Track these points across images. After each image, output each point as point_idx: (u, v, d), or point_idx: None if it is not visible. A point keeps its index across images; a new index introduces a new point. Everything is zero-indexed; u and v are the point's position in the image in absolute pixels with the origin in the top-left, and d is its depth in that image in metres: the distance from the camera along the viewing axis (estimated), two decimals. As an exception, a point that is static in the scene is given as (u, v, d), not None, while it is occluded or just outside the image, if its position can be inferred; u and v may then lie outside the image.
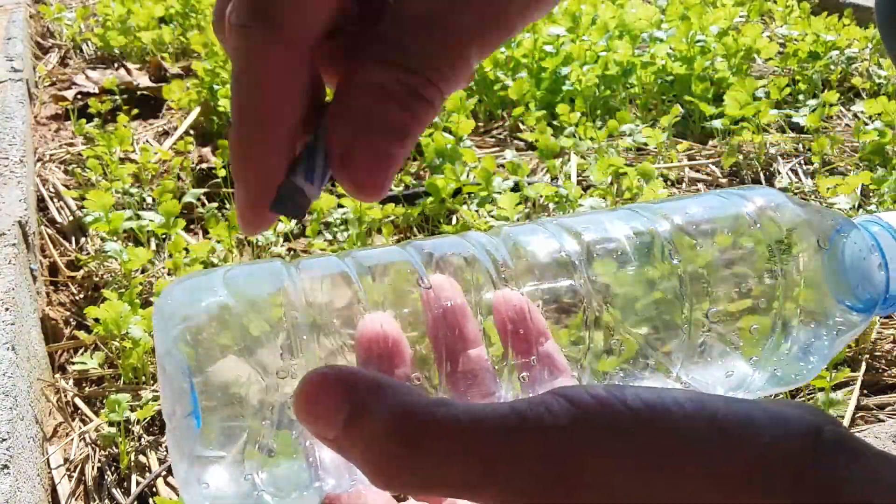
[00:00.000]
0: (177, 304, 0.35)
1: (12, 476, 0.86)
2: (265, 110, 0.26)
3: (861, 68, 2.12)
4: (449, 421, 0.25)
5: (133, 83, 2.19)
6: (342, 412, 0.26)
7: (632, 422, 0.23)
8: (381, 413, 0.26)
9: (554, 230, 0.41)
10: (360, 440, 0.26)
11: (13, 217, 1.32)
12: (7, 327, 1.05)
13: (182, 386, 0.33)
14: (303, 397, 0.27)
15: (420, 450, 0.25)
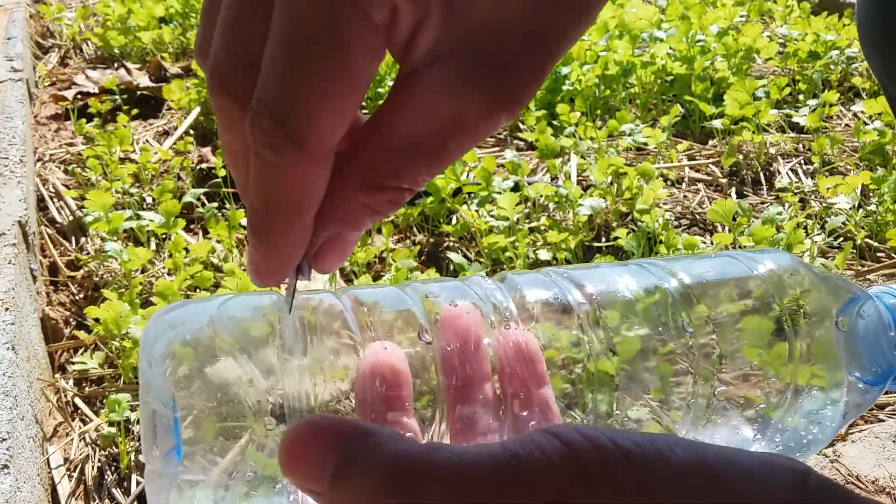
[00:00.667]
0: (164, 334, 0.34)
1: (12, 476, 0.86)
2: (292, 209, 0.28)
3: (861, 68, 2.12)
4: (442, 464, 0.24)
5: (133, 83, 2.19)
6: (329, 466, 0.25)
7: (623, 463, 0.23)
8: (371, 464, 0.25)
9: (561, 283, 0.40)
10: (350, 494, 0.25)
11: (13, 217, 1.32)
12: (7, 327, 1.05)
13: (165, 419, 0.32)
14: (288, 451, 0.26)
15: (414, 498, 0.24)
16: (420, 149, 0.29)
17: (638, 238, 1.37)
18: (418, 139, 0.29)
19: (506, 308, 0.38)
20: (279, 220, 0.28)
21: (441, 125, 0.28)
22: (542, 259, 1.40)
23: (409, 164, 0.29)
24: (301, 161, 0.27)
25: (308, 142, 0.26)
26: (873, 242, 1.43)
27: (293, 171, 0.27)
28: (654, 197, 1.44)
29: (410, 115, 0.28)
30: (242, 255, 1.45)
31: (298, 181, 0.27)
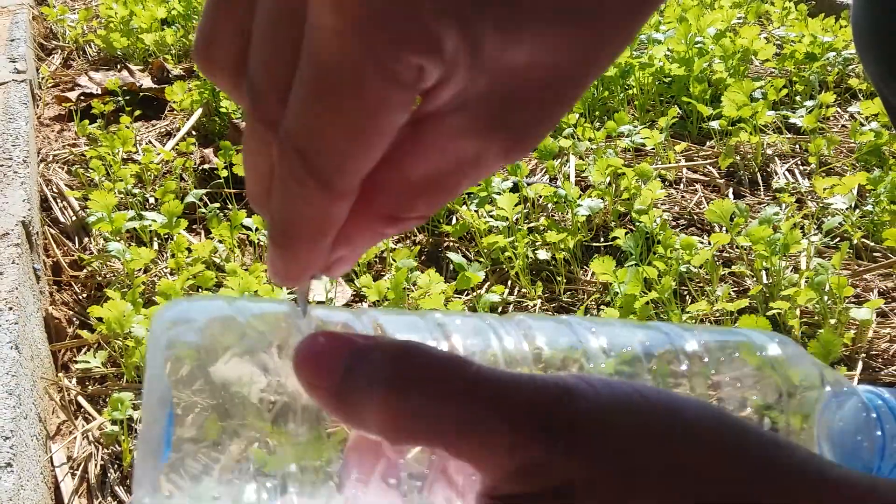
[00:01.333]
0: (174, 326, 0.34)
1: (15, 474, 0.87)
2: (313, 236, 0.29)
3: (858, 70, 2.12)
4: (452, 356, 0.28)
5: (136, 84, 2.20)
6: (342, 360, 0.28)
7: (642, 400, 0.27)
8: (382, 352, 0.28)
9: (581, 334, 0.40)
10: (361, 382, 0.27)
11: (17, 217, 1.34)
12: (11, 326, 1.06)
13: (161, 412, 0.32)
14: (304, 352, 0.28)
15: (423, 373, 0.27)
16: (438, 185, 0.30)
17: (636, 238, 1.38)
18: (437, 177, 0.30)
19: (522, 359, 0.38)
20: (301, 239, 0.29)
21: (458, 165, 0.29)
22: (541, 258, 1.41)
23: (426, 198, 0.30)
24: (324, 198, 0.27)
25: (334, 182, 0.27)
26: (870, 242, 1.44)
27: (317, 205, 0.28)
28: (652, 197, 1.45)
29: (431, 154, 0.29)
30: (245, 254, 1.46)
31: (321, 213, 0.28)
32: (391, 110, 0.25)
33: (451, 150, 0.29)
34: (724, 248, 1.44)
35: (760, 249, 1.29)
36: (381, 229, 0.31)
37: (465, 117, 0.28)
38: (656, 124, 1.84)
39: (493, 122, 0.28)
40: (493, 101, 0.28)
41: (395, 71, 0.24)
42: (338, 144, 0.26)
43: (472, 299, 1.32)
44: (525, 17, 0.25)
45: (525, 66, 0.27)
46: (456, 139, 0.28)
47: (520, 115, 0.28)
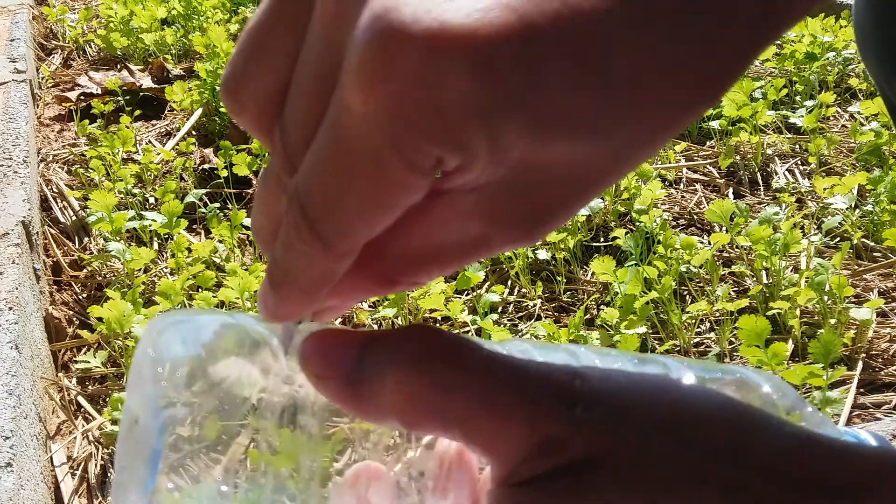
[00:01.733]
0: (164, 339, 0.33)
1: (15, 474, 0.87)
2: (309, 287, 0.29)
3: (858, 69, 2.13)
4: (469, 341, 0.27)
5: (136, 84, 2.20)
6: (355, 348, 0.28)
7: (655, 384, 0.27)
8: (398, 329, 0.27)
9: None
10: (378, 356, 0.27)
11: (17, 217, 1.34)
12: (11, 326, 1.06)
13: (147, 450, 0.31)
14: (313, 344, 0.28)
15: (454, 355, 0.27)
16: (439, 258, 0.30)
17: (636, 238, 1.38)
18: (438, 251, 0.30)
19: None
20: (295, 290, 0.29)
21: (466, 245, 0.29)
22: (541, 258, 1.41)
23: (425, 268, 0.30)
24: (325, 258, 0.27)
25: (337, 246, 0.27)
26: (870, 242, 1.44)
27: (316, 262, 0.28)
28: (652, 197, 1.45)
29: (437, 229, 0.29)
30: (245, 254, 1.46)
31: (319, 270, 0.28)
32: (404, 192, 0.26)
33: (459, 229, 0.29)
34: (724, 248, 1.44)
35: (760, 249, 1.29)
36: (376, 289, 0.31)
37: (478, 201, 0.28)
38: (656, 124, 1.84)
39: (505, 211, 0.28)
40: (508, 191, 0.28)
41: (415, 161, 0.24)
42: (345, 215, 0.26)
43: (472, 299, 1.32)
44: (552, 125, 0.25)
45: (545, 166, 0.27)
46: (464, 219, 0.28)
47: (533, 209, 0.28)
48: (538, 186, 0.28)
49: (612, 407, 0.26)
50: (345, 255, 0.27)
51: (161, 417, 0.31)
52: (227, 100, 0.29)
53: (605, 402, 0.26)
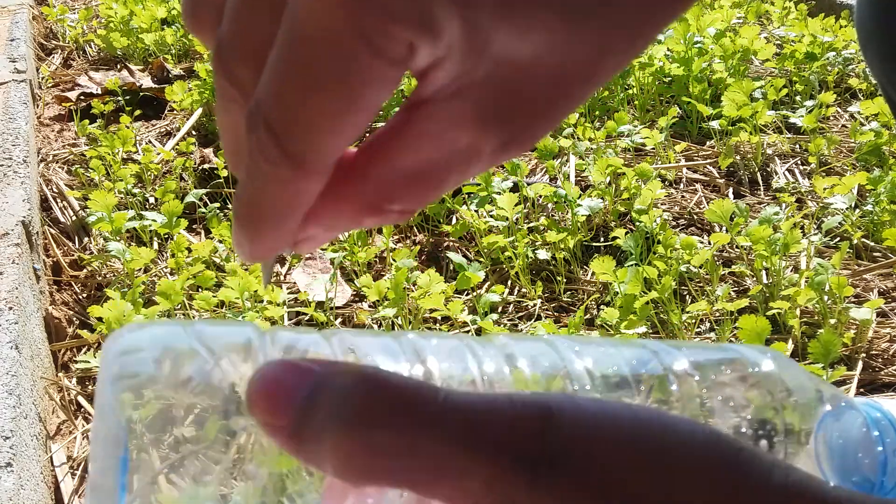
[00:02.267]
0: (125, 355, 0.31)
1: (15, 474, 0.87)
2: (279, 214, 0.27)
3: (858, 69, 2.13)
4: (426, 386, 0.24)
5: (136, 84, 2.20)
6: (301, 392, 0.24)
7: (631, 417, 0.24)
8: (349, 373, 0.24)
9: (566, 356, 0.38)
10: (322, 409, 0.23)
11: (17, 217, 1.34)
12: (11, 326, 1.07)
13: (114, 453, 0.29)
14: (257, 386, 0.25)
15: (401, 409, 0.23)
16: (426, 177, 0.28)
17: (636, 238, 1.38)
18: (426, 167, 0.27)
19: (502, 382, 0.36)
20: (265, 222, 0.27)
21: (451, 156, 0.27)
22: (541, 258, 1.41)
23: (412, 190, 0.28)
24: (296, 178, 0.26)
25: (305, 162, 0.25)
26: (870, 242, 1.45)
27: (287, 185, 0.26)
28: (652, 197, 1.45)
29: (422, 144, 0.27)
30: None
31: (290, 193, 0.26)
32: (375, 87, 0.24)
33: (445, 140, 0.27)
34: (724, 248, 1.44)
35: (760, 249, 1.29)
36: (360, 218, 0.29)
37: (463, 106, 0.26)
38: (656, 124, 1.85)
39: (491, 114, 0.27)
40: (494, 91, 0.26)
41: (382, 46, 0.23)
42: (313, 121, 0.24)
43: (472, 299, 1.32)
44: (528, 6, 0.24)
45: (529, 61, 0.25)
46: (451, 129, 0.27)
47: (520, 110, 0.27)
48: (523, 85, 0.26)
49: (581, 468, 0.22)
50: (316, 174, 0.26)
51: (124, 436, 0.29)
52: (186, 19, 0.28)
53: (575, 461, 0.22)
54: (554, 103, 0.27)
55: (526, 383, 0.36)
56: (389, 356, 0.34)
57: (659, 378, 0.38)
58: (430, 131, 0.27)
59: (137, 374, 0.30)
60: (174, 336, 0.32)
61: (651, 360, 0.39)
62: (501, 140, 0.27)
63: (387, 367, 0.34)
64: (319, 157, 0.25)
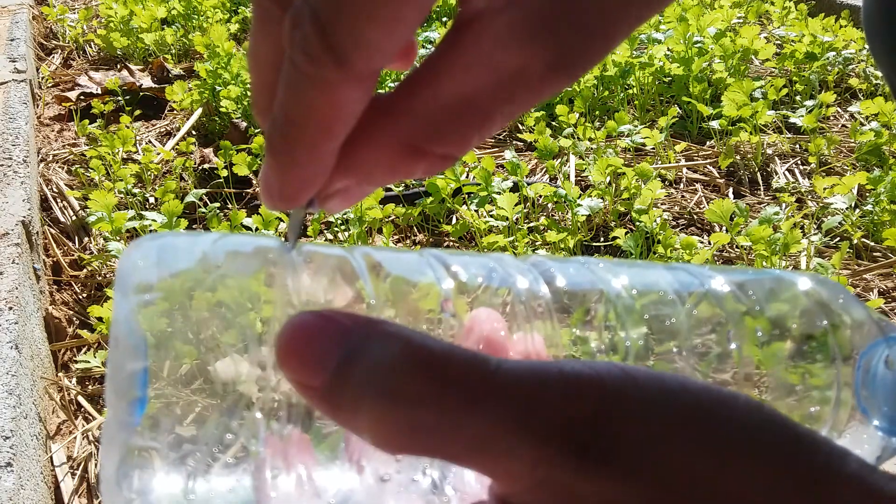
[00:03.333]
0: (145, 266, 0.29)
1: (15, 474, 0.87)
2: (321, 131, 0.26)
3: (858, 69, 2.13)
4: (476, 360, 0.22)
5: (136, 84, 2.20)
6: (334, 353, 0.23)
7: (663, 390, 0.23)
8: (388, 335, 0.23)
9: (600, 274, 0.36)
10: (356, 384, 0.22)
11: (17, 217, 1.34)
12: (11, 326, 1.06)
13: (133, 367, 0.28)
14: (287, 338, 0.24)
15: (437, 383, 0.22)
16: (472, 109, 0.26)
17: (636, 238, 1.38)
18: (472, 97, 0.26)
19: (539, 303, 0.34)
20: (304, 140, 0.25)
21: (500, 81, 0.26)
22: (541, 259, 1.41)
23: (458, 126, 0.26)
24: (341, 80, 0.24)
25: (352, 59, 0.23)
26: (870, 242, 1.44)
27: (329, 89, 0.24)
28: (652, 197, 1.45)
29: (467, 68, 0.25)
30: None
31: (334, 101, 0.24)
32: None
33: (491, 61, 0.25)
34: (724, 248, 1.44)
35: (760, 249, 1.29)
36: (399, 164, 0.27)
37: (508, 22, 0.25)
38: (656, 124, 1.84)
39: (539, 29, 0.25)
40: (538, 3, 0.25)
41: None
42: (361, 10, 0.23)
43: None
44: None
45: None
46: (496, 48, 0.25)
47: (571, 27, 0.25)
48: (568, 3, 0.25)
49: (631, 456, 0.22)
50: (360, 78, 0.24)
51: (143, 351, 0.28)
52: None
53: (624, 447, 0.22)
54: (607, 23, 0.26)
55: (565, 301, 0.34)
56: (418, 272, 0.33)
57: (703, 296, 0.36)
58: (476, 53, 0.25)
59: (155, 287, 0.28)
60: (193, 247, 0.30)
61: (693, 281, 0.37)
62: (548, 59, 0.26)
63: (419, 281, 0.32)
64: (368, 51, 0.24)
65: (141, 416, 0.27)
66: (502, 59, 0.25)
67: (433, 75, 0.26)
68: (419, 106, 0.26)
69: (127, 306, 0.28)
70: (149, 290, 0.28)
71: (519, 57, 0.25)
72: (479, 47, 0.25)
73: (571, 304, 0.35)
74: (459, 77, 0.26)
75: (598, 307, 0.35)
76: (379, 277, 0.32)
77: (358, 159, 0.27)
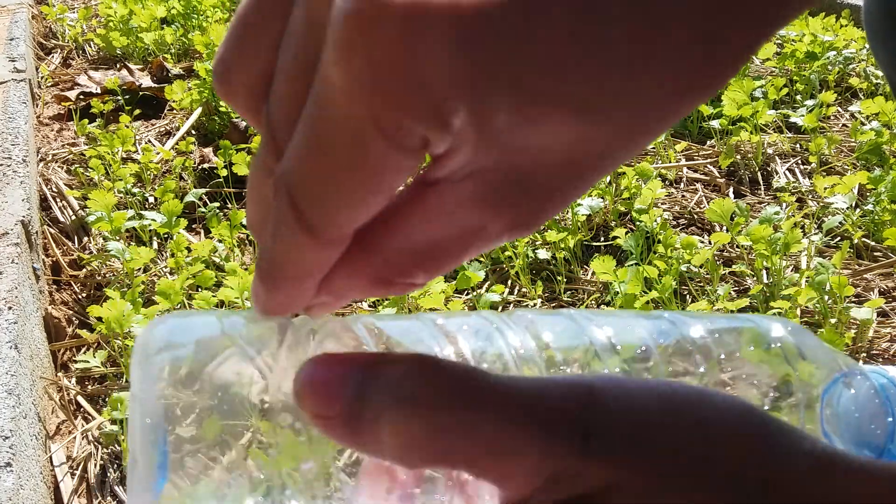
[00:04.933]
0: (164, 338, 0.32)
1: (15, 474, 0.87)
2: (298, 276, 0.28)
3: (858, 68, 2.13)
4: (476, 371, 0.25)
5: (135, 83, 2.20)
6: (351, 382, 0.25)
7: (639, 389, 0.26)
8: (399, 358, 0.25)
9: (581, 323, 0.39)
10: (378, 395, 0.25)
11: (16, 216, 1.34)
12: (10, 326, 1.06)
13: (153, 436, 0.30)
14: (306, 376, 0.26)
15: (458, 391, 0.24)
16: (435, 254, 0.29)
17: (636, 237, 1.38)
18: (435, 245, 0.28)
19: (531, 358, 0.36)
20: (283, 280, 0.29)
21: (461, 236, 0.28)
22: (542, 258, 1.41)
23: (421, 265, 0.29)
24: (313, 246, 0.27)
25: (321, 233, 0.26)
26: (870, 242, 1.44)
27: (301, 246, 0.27)
28: (652, 196, 1.45)
29: (432, 223, 0.28)
30: (244, 254, 1.46)
31: (307, 259, 0.27)
32: (390, 173, 0.25)
33: (454, 219, 0.28)
34: (725, 248, 1.44)
35: (761, 249, 1.29)
36: (371, 289, 0.30)
37: (473, 188, 0.27)
38: (656, 123, 1.84)
39: (501, 198, 0.27)
40: (504, 176, 0.27)
41: (397, 138, 0.24)
42: (330, 198, 0.25)
43: (472, 299, 1.32)
44: (539, 103, 0.24)
45: (538, 149, 0.26)
46: (459, 209, 0.27)
47: (529, 195, 0.27)
48: (534, 170, 0.27)
49: (628, 435, 0.24)
50: (332, 244, 0.27)
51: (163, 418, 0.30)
52: (217, 85, 0.29)
53: (622, 429, 0.24)
54: (563, 190, 0.28)
55: (553, 358, 0.36)
56: (417, 337, 0.35)
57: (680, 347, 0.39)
58: (439, 210, 0.27)
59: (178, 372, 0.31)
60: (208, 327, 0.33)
61: (671, 331, 0.39)
62: (508, 222, 0.28)
63: (417, 348, 0.35)
64: (335, 230, 0.26)
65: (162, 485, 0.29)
66: (462, 219, 0.28)
67: (399, 224, 0.28)
68: (387, 248, 0.28)
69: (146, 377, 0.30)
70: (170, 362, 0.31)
71: (478, 218, 0.28)
72: (440, 207, 0.27)
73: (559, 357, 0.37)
74: (424, 227, 0.28)
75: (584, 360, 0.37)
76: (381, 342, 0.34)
77: (335, 285, 0.29)
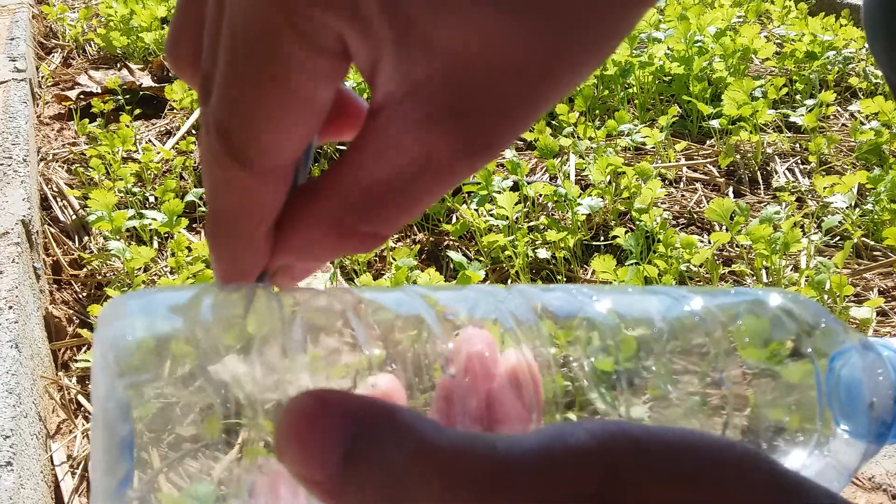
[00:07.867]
0: (126, 331, 0.29)
1: (15, 473, 0.87)
2: (238, 224, 0.27)
3: (858, 68, 2.13)
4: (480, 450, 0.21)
5: (136, 83, 2.20)
6: (340, 445, 0.22)
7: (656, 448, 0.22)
8: (397, 445, 0.21)
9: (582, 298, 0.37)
10: (364, 480, 0.21)
11: (17, 216, 1.34)
12: (11, 325, 1.06)
13: (119, 433, 0.27)
14: (288, 428, 0.22)
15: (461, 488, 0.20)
16: (388, 192, 0.26)
17: (636, 237, 1.38)
18: (388, 181, 0.26)
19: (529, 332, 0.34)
20: (231, 231, 0.27)
21: (409, 167, 0.26)
22: (542, 257, 1.41)
23: (377, 208, 0.27)
24: (246, 177, 0.26)
25: (252, 160, 0.25)
26: (870, 241, 1.44)
27: (237, 186, 0.26)
28: (652, 196, 1.45)
29: (376, 155, 0.26)
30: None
31: (244, 196, 0.26)
32: (310, 79, 0.24)
33: (403, 149, 0.26)
34: (725, 247, 1.44)
35: (760, 248, 1.29)
36: (331, 243, 0.28)
37: (412, 109, 0.25)
38: (656, 123, 1.84)
39: (445, 113, 0.25)
40: (444, 90, 0.25)
41: (310, 33, 0.23)
42: (255, 117, 0.24)
43: (472, 298, 1.32)
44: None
45: (476, 54, 0.24)
46: (400, 136, 0.26)
47: (476, 109, 0.25)
48: (476, 83, 0.25)
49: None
50: (267, 174, 0.26)
51: (127, 403, 0.28)
52: (169, 60, 0.29)
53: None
54: (512, 103, 0.26)
55: (552, 328, 0.35)
56: (409, 309, 0.33)
57: (685, 321, 0.38)
58: (386, 142, 0.26)
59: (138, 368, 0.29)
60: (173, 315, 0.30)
61: (674, 305, 0.38)
62: (459, 143, 0.26)
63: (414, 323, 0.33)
64: (266, 154, 0.25)
65: (127, 486, 0.27)
66: (409, 144, 0.26)
67: (353, 158, 0.27)
68: (342, 188, 0.27)
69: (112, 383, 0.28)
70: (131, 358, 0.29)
71: (422, 145, 0.26)
72: (388, 140, 0.26)
73: (559, 324, 0.35)
74: (374, 162, 0.26)
75: (586, 327, 0.36)
76: (365, 313, 0.32)
77: (290, 240, 0.28)
